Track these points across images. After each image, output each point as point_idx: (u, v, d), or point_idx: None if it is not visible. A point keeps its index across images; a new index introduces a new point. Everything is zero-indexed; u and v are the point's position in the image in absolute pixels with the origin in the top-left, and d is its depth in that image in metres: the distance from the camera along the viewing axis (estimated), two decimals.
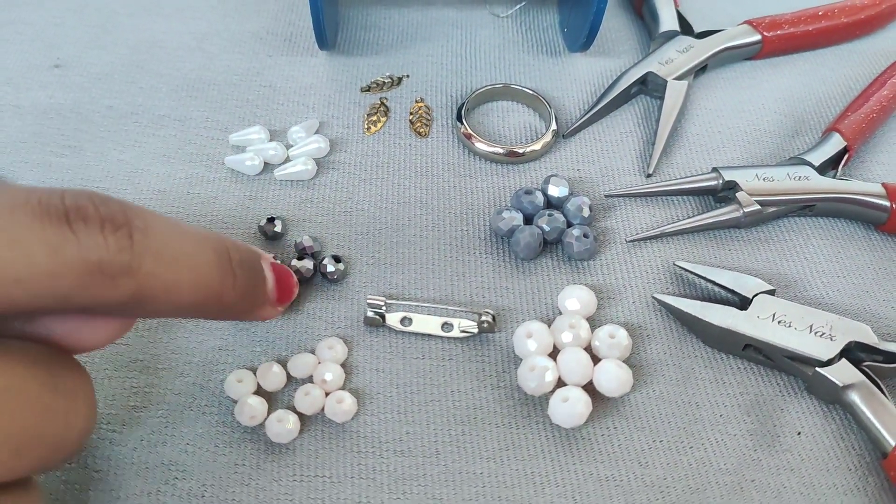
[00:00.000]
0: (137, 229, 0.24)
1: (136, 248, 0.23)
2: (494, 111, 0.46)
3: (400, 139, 0.44)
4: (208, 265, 0.26)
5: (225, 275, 0.27)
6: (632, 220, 0.41)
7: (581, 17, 0.46)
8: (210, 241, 0.27)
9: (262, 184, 0.41)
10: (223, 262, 0.27)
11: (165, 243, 0.24)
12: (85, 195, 0.23)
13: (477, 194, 0.42)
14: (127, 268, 0.23)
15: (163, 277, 0.24)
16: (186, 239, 0.26)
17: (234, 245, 0.28)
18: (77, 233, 0.22)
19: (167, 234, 0.25)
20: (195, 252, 0.26)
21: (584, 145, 0.44)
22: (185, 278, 0.25)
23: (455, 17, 0.51)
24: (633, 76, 0.46)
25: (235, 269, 0.28)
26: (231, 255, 0.27)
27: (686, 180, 0.41)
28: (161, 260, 0.24)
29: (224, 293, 0.27)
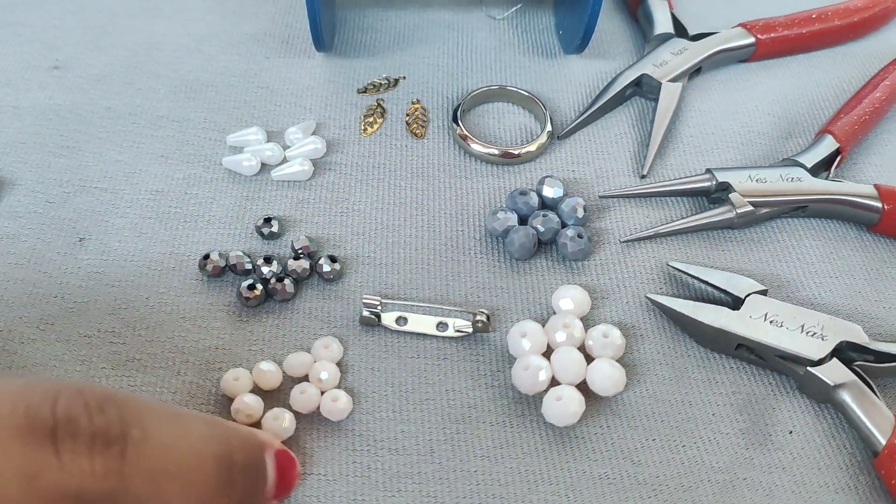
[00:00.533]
0: (132, 442, 0.21)
1: (127, 470, 0.21)
2: (490, 113, 0.46)
3: (396, 140, 0.44)
4: (206, 479, 0.24)
5: (223, 487, 0.24)
6: (626, 220, 0.41)
7: (576, 20, 0.46)
8: (214, 443, 0.24)
9: (260, 184, 0.42)
10: (223, 472, 0.24)
11: (163, 457, 0.22)
12: (81, 401, 0.21)
13: (472, 195, 0.42)
14: (110, 495, 0.20)
15: (150, 500, 0.22)
16: (188, 444, 0.23)
17: (239, 443, 0.25)
18: (61, 454, 0.20)
19: (166, 443, 0.22)
20: (195, 463, 0.23)
21: (579, 146, 0.44)
22: (178, 497, 0.23)
23: (451, 20, 0.51)
24: (628, 78, 0.46)
25: (236, 478, 0.25)
26: (234, 458, 0.25)
27: (680, 181, 0.42)
28: (154, 479, 0.21)
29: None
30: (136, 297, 0.37)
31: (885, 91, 0.45)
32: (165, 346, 0.35)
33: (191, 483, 0.23)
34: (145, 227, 0.39)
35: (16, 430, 0.20)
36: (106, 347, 0.35)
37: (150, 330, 0.36)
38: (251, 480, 0.26)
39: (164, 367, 0.35)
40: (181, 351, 0.35)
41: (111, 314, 0.36)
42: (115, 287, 0.37)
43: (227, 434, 0.26)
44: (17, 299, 0.36)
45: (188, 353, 0.35)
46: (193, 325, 0.36)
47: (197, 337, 0.36)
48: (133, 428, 0.21)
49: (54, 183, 0.41)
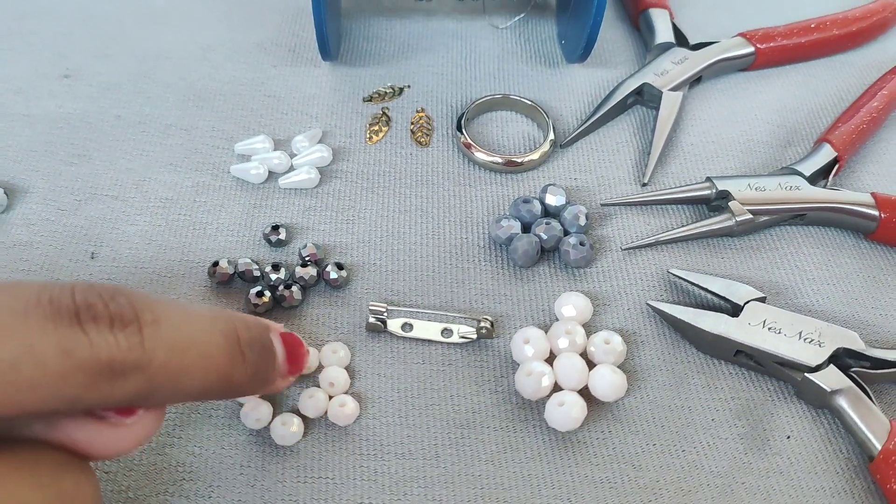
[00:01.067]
0: (147, 323, 0.24)
1: (147, 344, 0.23)
2: (493, 121, 0.47)
3: (401, 148, 0.45)
4: (218, 349, 0.26)
5: (234, 357, 0.27)
6: (627, 228, 0.42)
7: (578, 29, 0.47)
8: (219, 322, 0.27)
9: (267, 192, 0.42)
10: (232, 345, 0.27)
11: (175, 333, 0.24)
12: (94, 291, 0.23)
13: (476, 203, 0.43)
14: (137, 364, 0.23)
15: (172, 368, 0.24)
16: (195, 325, 0.26)
17: (243, 324, 0.28)
18: (88, 332, 0.22)
19: (176, 322, 0.25)
20: (205, 338, 0.26)
21: (581, 155, 0.45)
22: (195, 366, 0.25)
23: (455, 29, 0.52)
24: (630, 87, 0.47)
25: (245, 350, 0.27)
26: (240, 335, 0.27)
27: (680, 189, 0.43)
28: (171, 351, 0.24)
29: (234, 375, 0.27)
30: None
31: (883, 100, 0.46)
32: None
33: (206, 354, 0.26)
34: (155, 234, 0.40)
35: (45, 314, 0.22)
36: None
37: None
38: (259, 354, 0.28)
39: None
40: None
41: None
42: None
43: (230, 316, 0.28)
44: None
45: None
46: None
47: None
48: (144, 312, 0.24)
49: (66, 191, 0.42)
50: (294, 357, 0.31)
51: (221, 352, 0.26)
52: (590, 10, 0.44)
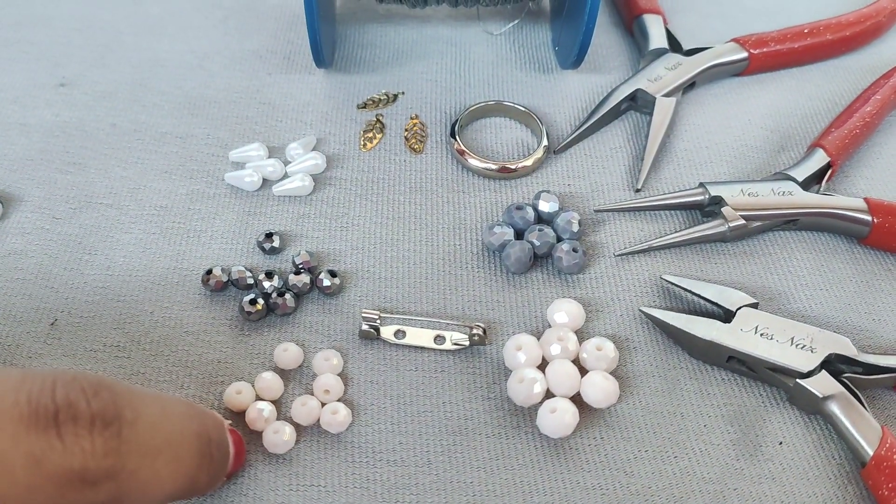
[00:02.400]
0: (126, 423, 0.23)
1: (123, 448, 0.22)
2: (487, 128, 0.47)
3: (395, 155, 0.45)
4: (190, 453, 0.26)
5: (202, 460, 0.26)
6: (620, 234, 0.42)
7: (572, 35, 0.47)
8: (194, 422, 0.26)
9: (261, 200, 0.43)
10: (203, 447, 0.27)
11: (151, 434, 0.24)
12: (78, 386, 0.22)
13: (469, 209, 0.43)
14: (109, 472, 0.22)
15: (143, 475, 0.23)
16: (172, 424, 0.25)
17: (211, 422, 0.27)
18: (64, 437, 0.21)
19: (155, 422, 0.24)
20: (180, 440, 0.25)
21: (575, 161, 0.45)
22: (166, 471, 0.25)
23: (449, 35, 0.52)
24: (623, 93, 0.47)
25: (213, 452, 0.27)
26: (211, 435, 0.27)
27: (673, 195, 0.43)
28: (146, 456, 0.23)
29: (199, 479, 0.27)
30: (140, 311, 0.38)
31: (876, 105, 0.46)
32: (169, 360, 0.36)
33: (178, 458, 0.25)
34: (149, 242, 0.40)
35: (20, 417, 0.21)
36: (111, 361, 0.36)
37: (154, 344, 0.37)
38: (223, 455, 0.29)
39: (168, 380, 0.35)
40: (185, 364, 0.36)
41: (116, 329, 0.37)
42: (120, 302, 0.38)
43: (201, 413, 0.28)
44: (25, 314, 0.37)
45: (191, 367, 0.36)
46: (196, 340, 0.37)
47: (200, 351, 0.36)
48: (125, 409, 0.23)
49: (61, 199, 0.42)
50: (239, 455, 0.31)
51: (192, 455, 0.26)
52: (583, 16, 0.44)
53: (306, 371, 0.36)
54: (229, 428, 0.30)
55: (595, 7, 0.43)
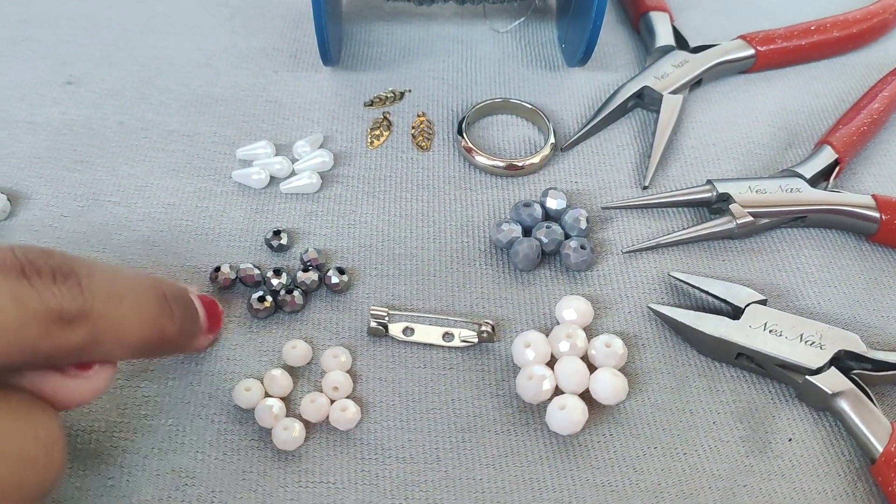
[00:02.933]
0: (83, 276, 0.26)
1: (87, 294, 0.25)
2: (494, 125, 0.47)
3: (402, 153, 0.45)
4: (149, 302, 0.29)
5: (164, 309, 0.29)
6: (628, 231, 0.42)
7: (579, 33, 0.47)
8: (145, 280, 0.29)
9: (269, 197, 0.43)
10: (160, 299, 0.29)
11: (109, 285, 0.27)
12: (33, 250, 0.25)
13: (477, 207, 0.43)
14: (81, 312, 0.25)
15: (113, 316, 0.26)
16: (126, 280, 0.28)
17: (165, 283, 0.30)
18: (35, 285, 0.24)
19: (109, 277, 0.27)
20: (135, 292, 0.28)
21: (582, 158, 0.45)
22: (132, 316, 0.27)
23: (456, 33, 0.52)
24: (630, 90, 0.47)
25: (172, 305, 0.30)
26: (166, 291, 0.30)
27: (681, 192, 0.43)
28: (109, 300, 0.26)
29: (166, 327, 0.29)
30: None
31: (884, 102, 0.46)
32: (178, 357, 0.36)
33: (140, 305, 0.28)
34: (157, 240, 0.40)
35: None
36: None
37: None
38: (185, 309, 0.31)
39: (177, 377, 0.36)
40: (194, 361, 0.36)
41: None
42: None
43: (152, 276, 0.31)
44: None
45: (200, 364, 0.36)
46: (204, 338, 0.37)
47: (209, 348, 0.36)
48: (78, 266, 0.26)
49: (68, 197, 0.42)
50: (212, 315, 0.34)
51: (152, 304, 0.29)
52: (590, 14, 0.44)
53: (315, 368, 0.36)
54: (200, 294, 0.33)
55: (602, 5, 0.43)
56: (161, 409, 0.35)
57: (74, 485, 0.32)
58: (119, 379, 0.35)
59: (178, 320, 0.30)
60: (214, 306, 0.35)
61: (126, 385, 0.35)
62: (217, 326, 0.35)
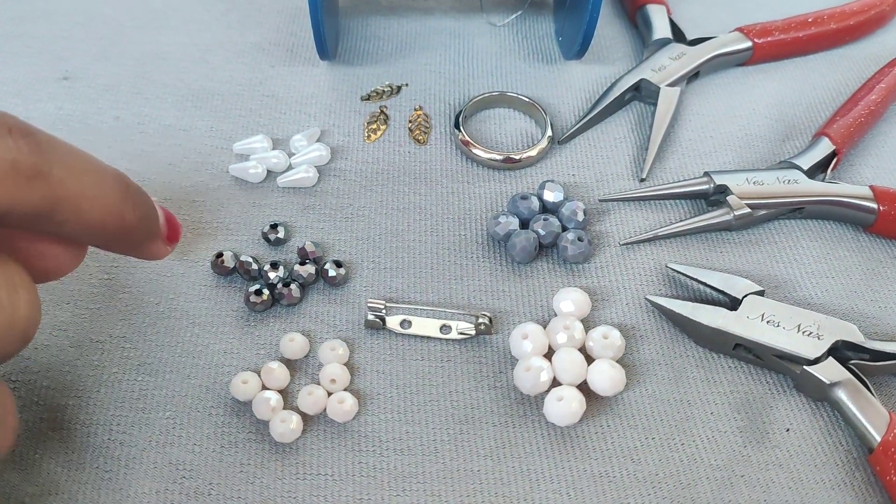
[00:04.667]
0: (43, 141, 0.25)
1: (45, 154, 0.25)
2: (491, 118, 0.47)
3: (399, 146, 0.45)
4: (109, 184, 0.28)
5: (125, 196, 0.28)
6: (625, 223, 0.42)
7: (575, 26, 0.47)
8: (108, 166, 0.28)
9: (266, 191, 0.42)
10: (122, 185, 0.29)
11: (70, 156, 0.26)
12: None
13: (474, 200, 0.43)
14: (39, 169, 0.24)
15: (73, 186, 0.26)
16: (88, 159, 0.27)
17: (126, 176, 0.29)
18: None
19: (70, 150, 0.26)
20: (98, 171, 0.27)
21: (579, 151, 0.45)
22: (94, 192, 0.27)
23: (453, 27, 0.52)
24: (627, 83, 0.47)
25: (133, 195, 0.29)
26: (127, 182, 0.29)
27: (678, 184, 0.43)
28: (69, 170, 0.26)
29: (126, 214, 0.28)
30: (146, 302, 0.38)
31: (881, 93, 0.46)
32: (175, 351, 0.36)
33: (101, 184, 0.27)
34: None
35: None
36: (117, 352, 0.36)
37: (160, 335, 0.37)
38: (145, 204, 0.30)
39: (174, 371, 0.35)
40: (191, 355, 0.36)
41: (122, 320, 0.37)
42: (126, 293, 0.38)
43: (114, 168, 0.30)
44: None
45: (197, 357, 0.36)
46: (202, 330, 0.37)
47: (206, 342, 0.36)
48: (38, 133, 0.25)
49: None
50: (171, 224, 0.33)
51: (113, 187, 0.28)
52: (586, 7, 0.44)
53: (312, 361, 0.36)
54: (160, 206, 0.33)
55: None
56: (158, 403, 0.35)
57: (72, 478, 0.32)
58: (116, 372, 0.35)
59: (138, 211, 0.29)
60: (172, 217, 0.34)
61: (123, 378, 0.35)
62: (176, 237, 0.34)
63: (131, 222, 0.29)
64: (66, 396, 0.35)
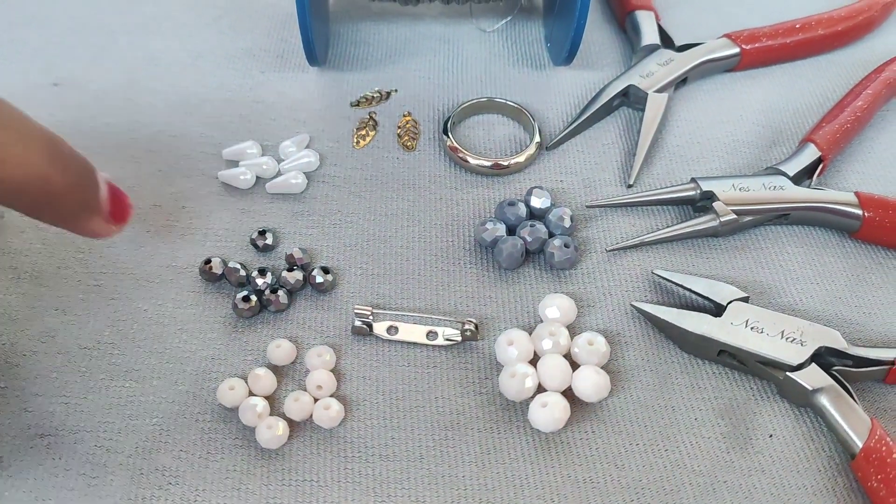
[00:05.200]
0: None
1: None
2: (480, 124, 0.47)
3: (388, 153, 0.45)
4: (36, 144, 0.26)
5: (54, 160, 0.27)
6: (612, 229, 0.42)
7: (564, 31, 0.47)
8: (41, 127, 0.27)
9: (255, 197, 0.43)
10: (52, 148, 0.27)
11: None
12: None
13: (462, 206, 0.43)
14: None
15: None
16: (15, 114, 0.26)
17: (66, 143, 0.28)
18: None
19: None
20: (23, 127, 0.26)
21: (567, 157, 0.45)
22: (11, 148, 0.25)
23: (442, 33, 0.52)
24: (616, 89, 0.47)
25: (65, 160, 0.28)
26: (61, 145, 0.28)
27: (665, 191, 0.43)
28: None
29: (52, 178, 0.27)
30: (134, 309, 0.38)
31: (867, 100, 0.46)
32: (163, 358, 0.36)
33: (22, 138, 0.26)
34: (143, 240, 0.40)
35: None
36: (105, 359, 0.36)
37: (148, 341, 0.37)
38: (81, 171, 0.29)
39: (162, 377, 0.36)
40: (178, 361, 0.36)
41: (110, 326, 0.37)
42: (114, 300, 0.38)
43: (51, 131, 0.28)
44: (20, 313, 0.37)
45: (185, 364, 0.36)
46: (190, 337, 0.37)
47: (193, 348, 0.37)
48: None
49: None
50: (118, 202, 0.31)
51: (40, 148, 0.26)
52: (574, 12, 0.44)
53: (299, 367, 0.37)
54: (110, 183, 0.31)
55: (586, 3, 0.44)
56: (145, 409, 0.35)
57: (60, 484, 0.33)
58: (103, 378, 0.35)
59: (68, 177, 0.28)
60: (122, 196, 0.32)
61: (111, 385, 0.35)
62: (122, 217, 0.32)
63: (58, 188, 0.27)
64: (53, 403, 0.35)
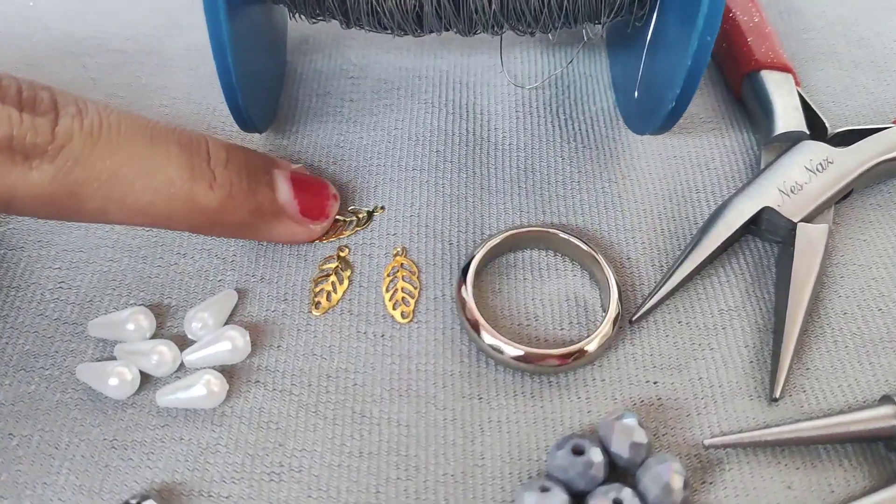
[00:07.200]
0: (67, 114, 0.22)
1: (60, 130, 0.21)
2: (516, 271, 0.29)
3: (367, 324, 0.27)
4: (169, 157, 0.23)
5: (196, 171, 0.24)
6: (751, 491, 0.24)
7: (656, 80, 0.28)
8: (176, 133, 0.24)
9: (135, 415, 0.25)
10: (193, 158, 0.24)
11: (106, 126, 0.22)
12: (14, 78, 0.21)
13: (489, 434, 0.25)
14: (43, 147, 0.21)
15: (98, 164, 0.22)
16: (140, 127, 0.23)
17: (217, 143, 0.25)
18: None
19: (111, 119, 0.22)
20: (151, 142, 0.23)
21: (662, 336, 0.27)
22: (136, 170, 0.22)
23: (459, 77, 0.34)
24: (741, 215, 0.29)
25: (215, 169, 0.24)
26: (211, 150, 0.24)
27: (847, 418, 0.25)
28: (96, 143, 0.22)
29: (199, 194, 0.24)
30: None
31: None
32: None
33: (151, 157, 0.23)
34: None
35: None
36: None
37: None
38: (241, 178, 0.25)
39: None
40: None
41: None
42: None
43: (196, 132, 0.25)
44: None
45: None
46: None
47: None
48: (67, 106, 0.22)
49: None
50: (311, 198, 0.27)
51: (174, 161, 0.23)
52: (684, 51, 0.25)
53: None
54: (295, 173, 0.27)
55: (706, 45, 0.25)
56: None
57: None
58: None
59: (223, 188, 0.24)
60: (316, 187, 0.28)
61: None
62: (320, 214, 0.28)
63: (212, 203, 0.24)
64: None
